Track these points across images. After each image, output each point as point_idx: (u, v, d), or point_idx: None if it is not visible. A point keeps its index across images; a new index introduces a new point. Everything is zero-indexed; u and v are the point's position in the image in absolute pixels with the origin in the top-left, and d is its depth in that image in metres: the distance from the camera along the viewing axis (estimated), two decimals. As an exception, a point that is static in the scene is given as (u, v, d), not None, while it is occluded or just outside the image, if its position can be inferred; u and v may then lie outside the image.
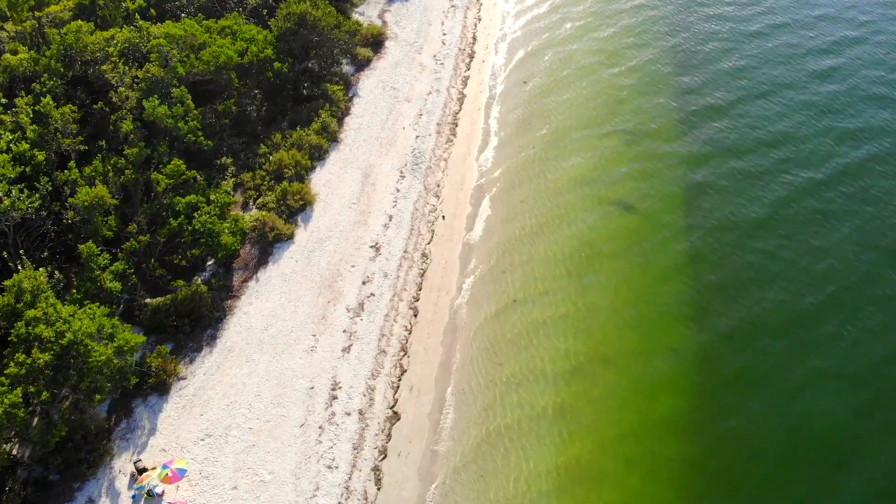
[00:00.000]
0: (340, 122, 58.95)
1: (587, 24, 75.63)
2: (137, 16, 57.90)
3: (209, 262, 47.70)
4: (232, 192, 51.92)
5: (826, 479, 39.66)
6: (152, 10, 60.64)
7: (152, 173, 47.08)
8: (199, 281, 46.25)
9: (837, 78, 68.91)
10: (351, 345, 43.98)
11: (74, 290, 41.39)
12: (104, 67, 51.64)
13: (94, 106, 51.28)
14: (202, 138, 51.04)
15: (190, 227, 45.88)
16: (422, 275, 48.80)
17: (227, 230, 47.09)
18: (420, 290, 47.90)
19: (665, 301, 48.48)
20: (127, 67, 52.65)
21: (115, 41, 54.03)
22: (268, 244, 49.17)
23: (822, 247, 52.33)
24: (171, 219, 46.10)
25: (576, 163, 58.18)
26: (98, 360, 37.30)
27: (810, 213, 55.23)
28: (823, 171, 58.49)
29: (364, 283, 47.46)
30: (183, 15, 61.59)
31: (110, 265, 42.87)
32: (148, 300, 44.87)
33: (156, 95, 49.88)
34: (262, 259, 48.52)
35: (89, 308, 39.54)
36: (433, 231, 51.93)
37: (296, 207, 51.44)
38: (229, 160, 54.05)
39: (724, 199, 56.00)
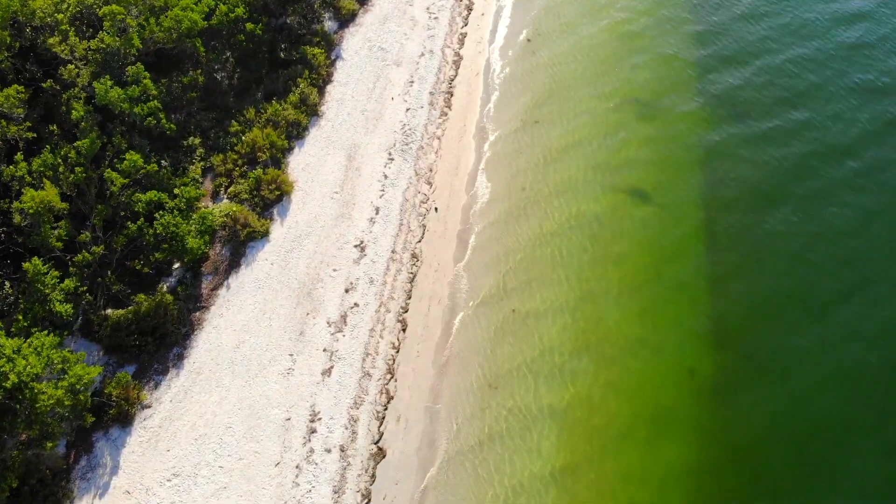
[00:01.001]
0: (321, 91, 52.80)
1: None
2: (91, -29, 51.18)
3: (175, 267, 43.05)
4: (201, 179, 46.77)
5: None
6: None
7: (106, 170, 41.83)
8: (164, 289, 41.83)
9: (864, 27, 62.79)
10: (332, 367, 39.83)
11: (21, 317, 36.95)
12: (51, 41, 45.59)
13: (44, 84, 45.57)
14: (164, 120, 45.51)
15: (151, 231, 41.11)
16: (411, 280, 44.03)
17: (193, 230, 42.31)
18: (409, 298, 43.25)
19: (670, 292, 44.66)
20: (78, 39, 46.59)
21: (65, 5, 47.79)
22: (240, 244, 44.23)
23: (843, 229, 48.25)
24: (129, 222, 41.21)
25: (581, 136, 52.67)
26: (47, 403, 33.42)
27: (833, 186, 50.75)
28: (849, 137, 53.70)
29: (347, 290, 42.83)
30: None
31: (60, 283, 38.28)
32: (109, 311, 40.62)
33: (108, 76, 44.09)
34: (234, 261, 43.76)
35: (37, 338, 35.22)
36: (424, 226, 46.66)
37: (271, 199, 46.08)
38: (198, 140, 48.50)
39: (739, 170, 51.41)
